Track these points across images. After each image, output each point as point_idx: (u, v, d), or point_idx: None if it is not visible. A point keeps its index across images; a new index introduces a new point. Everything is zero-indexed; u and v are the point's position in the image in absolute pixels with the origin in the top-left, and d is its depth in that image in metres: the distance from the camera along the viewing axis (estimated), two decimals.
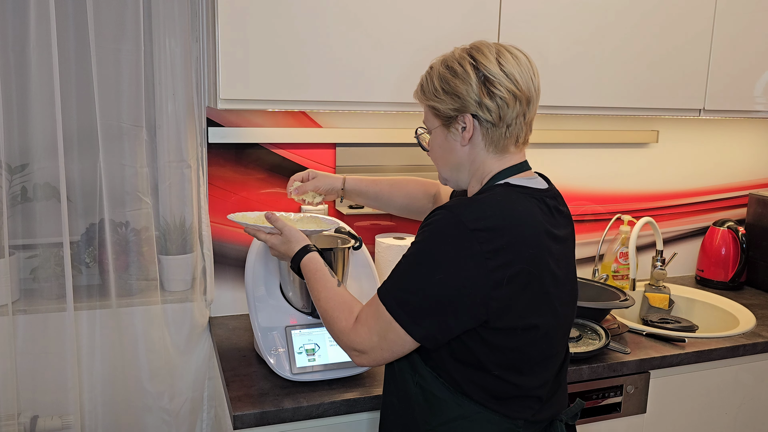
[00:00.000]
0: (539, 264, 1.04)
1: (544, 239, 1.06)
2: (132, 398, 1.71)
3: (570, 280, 1.16)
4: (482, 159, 1.13)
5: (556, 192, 1.17)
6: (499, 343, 1.05)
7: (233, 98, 1.44)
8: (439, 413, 1.09)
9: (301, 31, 1.45)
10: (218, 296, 1.83)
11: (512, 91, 1.07)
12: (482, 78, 1.08)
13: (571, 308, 1.17)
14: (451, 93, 1.10)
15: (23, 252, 1.62)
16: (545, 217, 1.09)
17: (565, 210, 1.18)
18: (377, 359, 1.09)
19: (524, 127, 1.12)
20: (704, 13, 1.85)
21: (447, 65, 1.12)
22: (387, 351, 1.07)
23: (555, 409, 1.17)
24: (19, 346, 1.60)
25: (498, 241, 1.00)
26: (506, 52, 1.10)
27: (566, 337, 1.19)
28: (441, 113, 1.13)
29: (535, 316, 1.06)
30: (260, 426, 1.32)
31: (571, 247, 1.19)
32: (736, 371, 1.78)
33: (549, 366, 1.13)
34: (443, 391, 1.08)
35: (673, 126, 2.28)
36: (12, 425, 1.57)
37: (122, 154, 1.63)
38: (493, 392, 1.08)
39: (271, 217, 1.32)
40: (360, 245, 1.53)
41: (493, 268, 1.00)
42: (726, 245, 2.25)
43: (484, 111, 1.08)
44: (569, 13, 1.69)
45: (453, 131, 1.13)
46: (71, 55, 1.57)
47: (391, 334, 1.05)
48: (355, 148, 1.90)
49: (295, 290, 1.49)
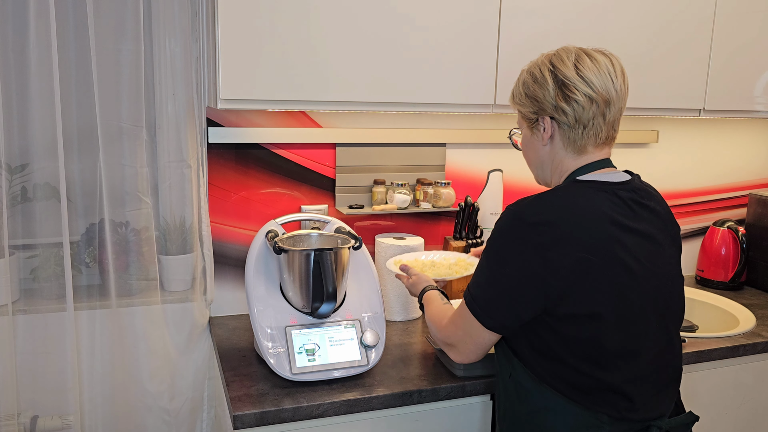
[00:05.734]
0: (603, 253, 1.09)
1: (609, 228, 1.11)
2: (132, 398, 1.71)
3: (656, 276, 1.16)
4: (561, 158, 1.21)
5: (638, 186, 1.21)
6: (567, 332, 1.11)
7: (233, 98, 1.44)
8: (526, 403, 1.17)
9: (302, 31, 1.45)
10: (218, 296, 1.83)
11: (588, 94, 1.14)
12: (559, 83, 1.16)
13: (662, 303, 1.17)
14: (531, 97, 1.21)
15: (23, 252, 1.62)
16: (614, 208, 1.13)
17: (650, 204, 1.20)
18: (466, 352, 1.23)
19: (604, 126, 1.18)
20: (704, 13, 1.85)
21: (530, 72, 1.22)
22: (471, 344, 1.21)
23: (650, 413, 1.16)
24: (19, 346, 1.60)
25: (555, 231, 1.08)
26: (585, 57, 1.17)
27: (660, 334, 1.17)
28: (525, 116, 1.24)
29: (596, 303, 1.09)
30: (260, 426, 1.32)
31: (656, 239, 1.18)
32: (736, 371, 1.78)
33: (633, 362, 1.13)
34: (529, 382, 1.16)
35: (673, 126, 2.28)
36: (12, 425, 1.57)
37: (122, 154, 1.63)
38: (574, 384, 1.12)
39: (405, 268, 1.56)
40: (360, 245, 1.53)
41: (552, 257, 1.08)
42: (726, 245, 2.25)
43: (560, 114, 1.17)
44: (569, 13, 1.69)
45: (536, 132, 1.23)
46: (71, 55, 1.57)
47: (470, 327, 1.19)
48: (355, 148, 1.90)
49: (295, 290, 1.49)
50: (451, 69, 1.60)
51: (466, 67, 1.61)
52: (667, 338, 1.20)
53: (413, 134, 1.94)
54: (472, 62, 1.61)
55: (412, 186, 1.97)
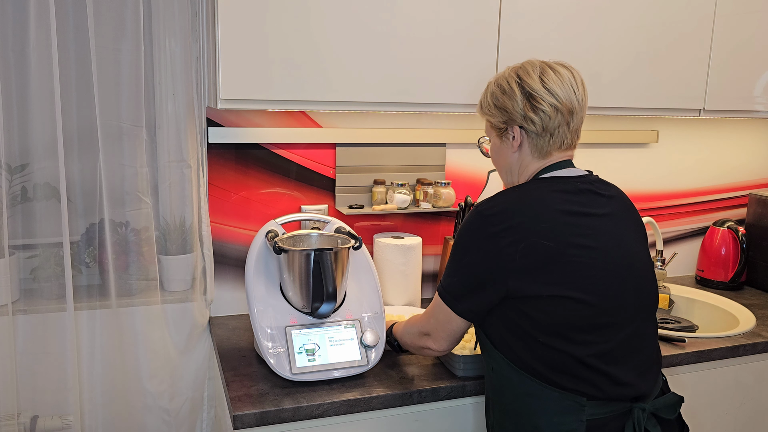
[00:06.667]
0: (558, 237, 1.16)
1: (561, 216, 1.18)
2: (132, 398, 1.71)
3: (621, 252, 1.21)
4: (528, 162, 1.29)
5: (595, 179, 1.29)
6: (535, 313, 1.16)
7: (233, 98, 1.44)
8: (509, 391, 1.22)
9: (302, 31, 1.45)
10: (218, 296, 1.83)
11: (554, 104, 1.22)
12: (527, 94, 1.23)
13: (630, 280, 1.21)
14: (500, 108, 1.28)
15: (23, 252, 1.62)
16: (570, 197, 1.21)
17: (606, 193, 1.27)
18: (439, 341, 1.32)
19: (569, 134, 1.26)
20: (704, 13, 1.85)
21: (498, 84, 1.29)
22: (443, 331, 1.30)
23: (627, 391, 1.18)
24: (19, 346, 1.60)
25: (508, 221, 1.17)
26: (549, 70, 1.25)
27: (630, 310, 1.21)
28: (494, 125, 1.31)
29: (558, 283, 1.15)
30: (260, 426, 1.32)
31: (620, 224, 1.25)
32: (736, 371, 1.78)
33: (604, 336, 1.17)
34: (510, 371, 1.21)
35: (673, 126, 2.28)
36: (12, 425, 1.57)
37: (122, 154, 1.63)
38: (550, 363, 1.17)
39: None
40: (360, 245, 1.53)
41: (506, 244, 1.16)
42: (726, 245, 2.25)
43: (529, 123, 1.24)
44: (569, 13, 1.69)
45: (505, 140, 1.30)
46: (71, 55, 1.57)
47: (441, 315, 1.28)
48: (355, 148, 1.90)
49: (295, 290, 1.49)
50: (452, 69, 1.60)
51: (467, 67, 1.61)
52: (641, 316, 1.24)
53: (413, 134, 1.94)
54: (473, 62, 1.61)
55: (412, 186, 1.97)
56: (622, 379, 1.18)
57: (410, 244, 1.84)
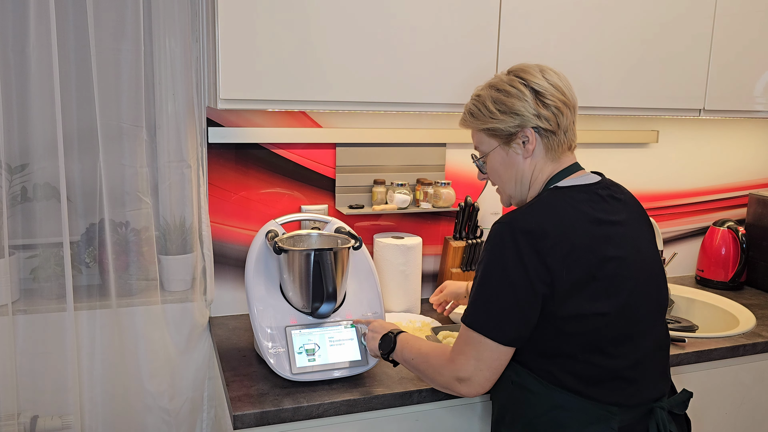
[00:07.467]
0: (595, 250, 1.13)
1: (592, 228, 1.15)
2: (132, 398, 1.71)
3: (641, 258, 1.21)
4: (541, 167, 1.24)
5: (609, 183, 1.27)
6: (572, 329, 1.13)
7: (233, 98, 1.44)
8: (536, 405, 1.16)
9: (302, 31, 1.45)
10: (218, 296, 1.83)
11: (562, 99, 1.20)
12: (535, 93, 1.20)
13: (649, 285, 1.21)
14: (509, 112, 1.21)
15: (23, 252, 1.62)
16: (596, 206, 1.19)
17: (622, 197, 1.26)
18: (482, 382, 1.16)
19: (575, 132, 1.25)
20: (704, 14, 1.85)
21: (498, 88, 1.23)
22: (487, 370, 1.15)
23: (651, 394, 1.19)
24: (19, 346, 1.60)
25: (549, 236, 1.11)
26: (547, 69, 1.24)
27: (652, 315, 1.21)
28: (500, 132, 1.24)
29: (599, 299, 1.12)
30: (260, 426, 1.32)
31: (636, 228, 1.24)
32: (736, 371, 1.78)
33: (635, 346, 1.16)
34: (535, 385, 1.16)
35: (673, 126, 2.28)
36: (12, 425, 1.57)
37: (122, 154, 1.63)
38: (584, 377, 1.14)
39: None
40: (360, 245, 1.53)
41: (550, 262, 1.10)
42: (726, 245, 2.25)
43: (542, 121, 1.20)
44: (569, 13, 1.69)
45: (514, 147, 1.24)
46: (71, 55, 1.57)
47: (484, 352, 1.14)
48: (355, 148, 1.90)
49: (295, 290, 1.49)
50: (451, 69, 1.60)
51: (466, 67, 1.61)
52: (660, 318, 1.24)
53: (413, 134, 1.94)
54: (473, 62, 1.61)
55: (412, 186, 1.97)
56: (651, 383, 1.19)
57: (410, 244, 1.84)
